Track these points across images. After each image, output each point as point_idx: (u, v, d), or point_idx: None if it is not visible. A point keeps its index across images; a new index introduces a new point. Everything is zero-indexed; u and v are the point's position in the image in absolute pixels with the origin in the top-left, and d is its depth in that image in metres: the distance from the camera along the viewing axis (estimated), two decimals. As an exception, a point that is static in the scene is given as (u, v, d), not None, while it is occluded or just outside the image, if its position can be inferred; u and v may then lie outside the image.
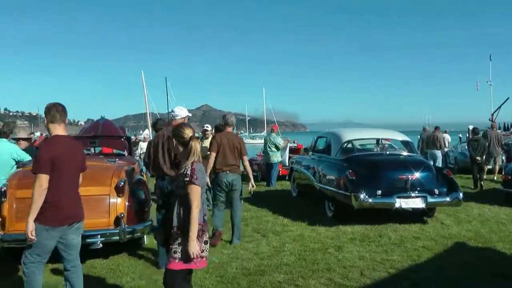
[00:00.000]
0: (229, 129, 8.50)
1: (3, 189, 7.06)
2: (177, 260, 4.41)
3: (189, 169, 4.48)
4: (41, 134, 19.26)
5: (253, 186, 8.50)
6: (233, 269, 6.63)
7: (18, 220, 6.91)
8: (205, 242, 4.54)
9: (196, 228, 4.38)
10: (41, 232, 4.85)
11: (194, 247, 4.34)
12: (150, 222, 7.56)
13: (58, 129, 5.01)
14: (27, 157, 8.42)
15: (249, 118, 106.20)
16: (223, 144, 8.16)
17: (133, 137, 20.25)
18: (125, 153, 10.14)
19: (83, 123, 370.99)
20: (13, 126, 8.97)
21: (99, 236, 6.79)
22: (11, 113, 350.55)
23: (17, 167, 8.19)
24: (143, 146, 18.17)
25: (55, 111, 4.99)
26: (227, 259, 7.15)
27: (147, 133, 19.99)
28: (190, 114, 7.36)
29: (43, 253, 4.95)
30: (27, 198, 6.93)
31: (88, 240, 6.78)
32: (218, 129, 9.68)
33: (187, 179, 4.44)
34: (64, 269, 5.19)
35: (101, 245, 6.76)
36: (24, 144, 9.19)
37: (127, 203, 7.15)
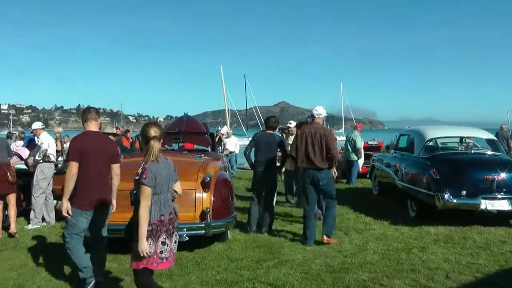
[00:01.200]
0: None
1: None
2: (133, 260, 4.59)
3: (140, 169, 4.60)
4: (118, 128, 19.89)
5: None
6: (317, 266, 6.65)
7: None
8: (163, 243, 4.59)
9: (144, 227, 4.44)
10: (75, 214, 5.79)
11: (142, 245, 4.40)
12: (234, 217, 7.73)
13: (90, 126, 6.01)
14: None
15: (327, 115, 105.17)
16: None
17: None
18: (209, 149, 10.32)
19: (162, 120, 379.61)
20: (100, 123, 9.36)
21: (185, 229, 6.98)
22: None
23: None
24: (227, 142, 18.50)
25: (88, 112, 6.05)
26: (311, 255, 7.18)
27: (226, 129, 20.29)
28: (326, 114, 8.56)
29: (79, 232, 5.85)
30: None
31: (175, 233, 7.04)
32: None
33: (137, 177, 4.59)
34: (89, 239, 6.10)
35: (187, 238, 6.96)
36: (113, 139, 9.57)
37: (212, 198, 7.33)
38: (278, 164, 9.17)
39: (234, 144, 18.73)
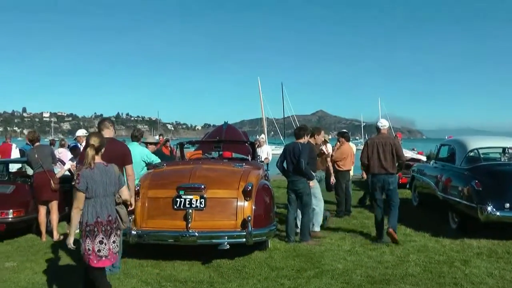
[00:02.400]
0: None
1: (136, 189, 7.50)
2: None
3: (75, 174, 5.19)
4: (161, 135, 20.24)
5: None
6: (358, 277, 6.61)
7: (150, 218, 7.38)
8: (100, 242, 5.04)
9: (73, 226, 5.08)
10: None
11: (68, 243, 5.10)
12: (275, 226, 7.75)
13: (105, 133, 6.63)
14: (156, 159, 8.93)
15: (364, 124, 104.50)
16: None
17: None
18: (249, 157, 10.37)
19: (199, 128, 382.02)
20: (143, 131, 9.55)
21: (226, 237, 7.07)
22: (132, 118, 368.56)
23: (147, 169, 8.68)
24: (259, 150, 18.51)
25: (102, 123, 6.93)
26: (351, 266, 7.14)
27: (263, 137, 20.30)
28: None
29: None
30: (158, 198, 7.43)
31: (216, 241, 7.11)
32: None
33: (73, 182, 5.16)
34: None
35: (228, 246, 7.01)
36: (152, 147, 9.72)
37: (253, 207, 7.35)
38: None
39: (266, 152, 18.75)
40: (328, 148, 11.79)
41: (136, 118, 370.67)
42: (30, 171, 10.39)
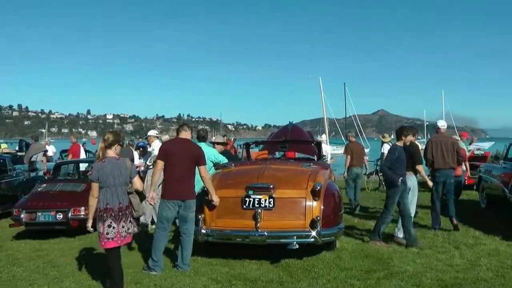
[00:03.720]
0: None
1: (205, 188, 7.65)
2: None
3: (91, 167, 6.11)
4: (225, 136, 20.49)
5: None
6: (428, 280, 6.51)
7: (219, 217, 7.51)
8: (108, 226, 5.84)
9: (90, 212, 6.04)
10: (161, 204, 7.11)
11: (87, 225, 6.14)
12: (343, 226, 7.75)
13: (180, 135, 7.29)
14: (224, 160, 9.05)
15: (427, 123, 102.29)
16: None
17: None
18: (315, 157, 10.38)
19: (260, 128, 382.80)
20: (207, 131, 9.71)
21: (295, 237, 7.11)
22: (193, 119, 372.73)
23: (216, 169, 8.82)
24: (323, 150, 18.47)
25: (181, 127, 7.40)
26: (421, 268, 7.05)
27: (324, 137, 20.29)
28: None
29: (164, 221, 7.07)
30: (227, 197, 7.55)
31: (285, 241, 7.16)
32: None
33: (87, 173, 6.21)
34: (179, 234, 7.18)
35: (297, 246, 7.06)
36: (219, 147, 9.86)
37: (322, 207, 7.36)
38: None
39: (325, 152, 18.69)
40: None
41: (197, 119, 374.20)
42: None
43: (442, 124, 10.36)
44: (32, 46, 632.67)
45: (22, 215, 9.53)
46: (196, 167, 7.16)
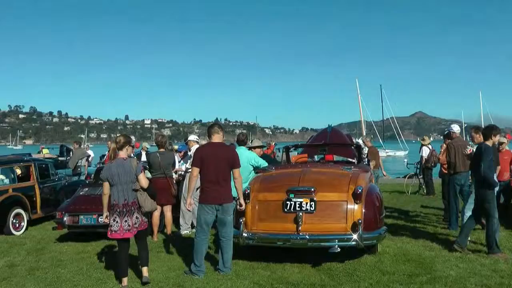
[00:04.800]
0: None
1: (247, 192, 7.67)
2: None
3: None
4: (271, 143, 20.58)
5: None
6: (472, 285, 6.37)
7: (260, 220, 7.51)
8: (113, 220, 6.63)
9: (104, 207, 6.79)
10: (199, 208, 7.13)
11: (103, 219, 6.91)
12: (385, 230, 7.66)
13: (213, 138, 7.27)
14: (264, 163, 9.04)
15: (465, 125, 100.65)
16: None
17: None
18: (354, 160, 10.30)
19: (297, 132, 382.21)
20: (247, 136, 9.73)
21: (336, 240, 7.06)
22: (230, 123, 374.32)
23: (256, 172, 8.82)
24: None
25: (212, 128, 7.33)
26: (464, 273, 6.90)
27: (361, 141, 20.19)
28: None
29: (204, 225, 7.08)
30: (268, 201, 7.55)
31: (326, 244, 7.12)
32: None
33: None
34: (219, 238, 7.24)
35: (339, 250, 7.00)
36: (258, 151, 9.86)
37: (363, 210, 7.30)
38: None
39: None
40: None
41: (234, 123, 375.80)
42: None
43: (457, 129, 10.90)
44: (72, 55, 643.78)
45: (65, 218, 9.71)
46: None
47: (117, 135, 7.53)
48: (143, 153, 14.18)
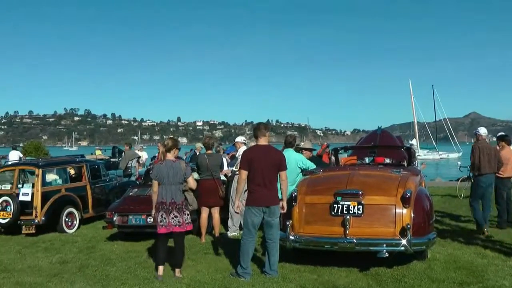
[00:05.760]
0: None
1: (294, 194, 7.61)
2: None
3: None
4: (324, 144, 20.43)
5: None
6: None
7: (307, 223, 7.43)
8: (161, 216, 7.11)
9: (153, 203, 7.25)
10: (246, 211, 7.13)
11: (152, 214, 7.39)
12: (434, 235, 7.44)
13: (259, 141, 7.27)
14: (311, 165, 8.97)
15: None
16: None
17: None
18: (405, 163, 10.10)
19: (349, 133, 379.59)
20: (295, 137, 9.66)
21: (384, 245, 6.91)
22: (282, 125, 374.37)
23: (303, 175, 8.75)
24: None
25: (258, 130, 7.28)
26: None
27: (415, 143, 19.86)
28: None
29: (251, 227, 7.07)
30: (316, 204, 7.47)
31: (374, 248, 6.97)
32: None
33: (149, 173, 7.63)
34: (265, 240, 7.22)
35: (387, 255, 6.84)
36: (307, 154, 9.77)
37: (412, 214, 7.10)
38: None
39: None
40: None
41: (285, 125, 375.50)
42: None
43: (484, 131, 10.98)
44: (125, 59, 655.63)
45: (114, 218, 9.88)
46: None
47: (167, 137, 8.10)
48: (197, 154, 14.31)
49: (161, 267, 7.19)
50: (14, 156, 22.06)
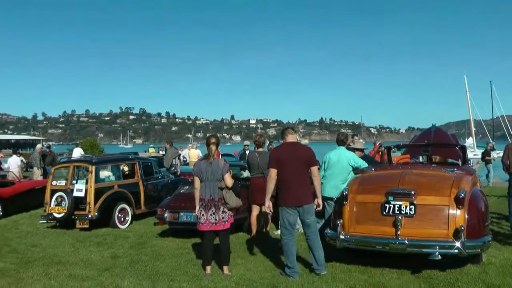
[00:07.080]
0: None
1: (344, 193, 7.49)
2: None
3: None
4: (376, 143, 20.21)
5: None
6: None
7: (358, 223, 7.30)
8: (199, 212, 7.17)
9: (196, 200, 7.26)
10: (280, 211, 7.08)
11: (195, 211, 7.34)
12: (490, 238, 7.18)
13: (287, 139, 7.30)
14: (363, 164, 8.83)
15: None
16: None
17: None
18: (459, 162, 9.84)
19: (403, 131, 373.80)
20: (347, 135, 9.52)
21: (437, 247, 6.68)
22: (335, 123, 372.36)
23: (355, 173, 8.62)
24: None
25: (284, 130, 7.43)
26: None
27: (471, 142, 19.38)
28: None
29: (288, 226, 7.03)
30: (367, 203, 7.33)
31: (426, 250, 6.77)
32: None
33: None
34: (306, 236, 7.18)
35: (439, 257, 6.62)
36: (359, 153, 9.63)
37: (467, 216, 6.85)
38: None
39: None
40: None
41: (339, 123, 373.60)
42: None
43: None
44: (180, 59, 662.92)
45: (166, 215, 10.02)
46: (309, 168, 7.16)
47: (220, 135, 8.02)
48: (247, 153, 14.35)
49: (208, 267, 7.23)
50: (77, 153, 22.67)
